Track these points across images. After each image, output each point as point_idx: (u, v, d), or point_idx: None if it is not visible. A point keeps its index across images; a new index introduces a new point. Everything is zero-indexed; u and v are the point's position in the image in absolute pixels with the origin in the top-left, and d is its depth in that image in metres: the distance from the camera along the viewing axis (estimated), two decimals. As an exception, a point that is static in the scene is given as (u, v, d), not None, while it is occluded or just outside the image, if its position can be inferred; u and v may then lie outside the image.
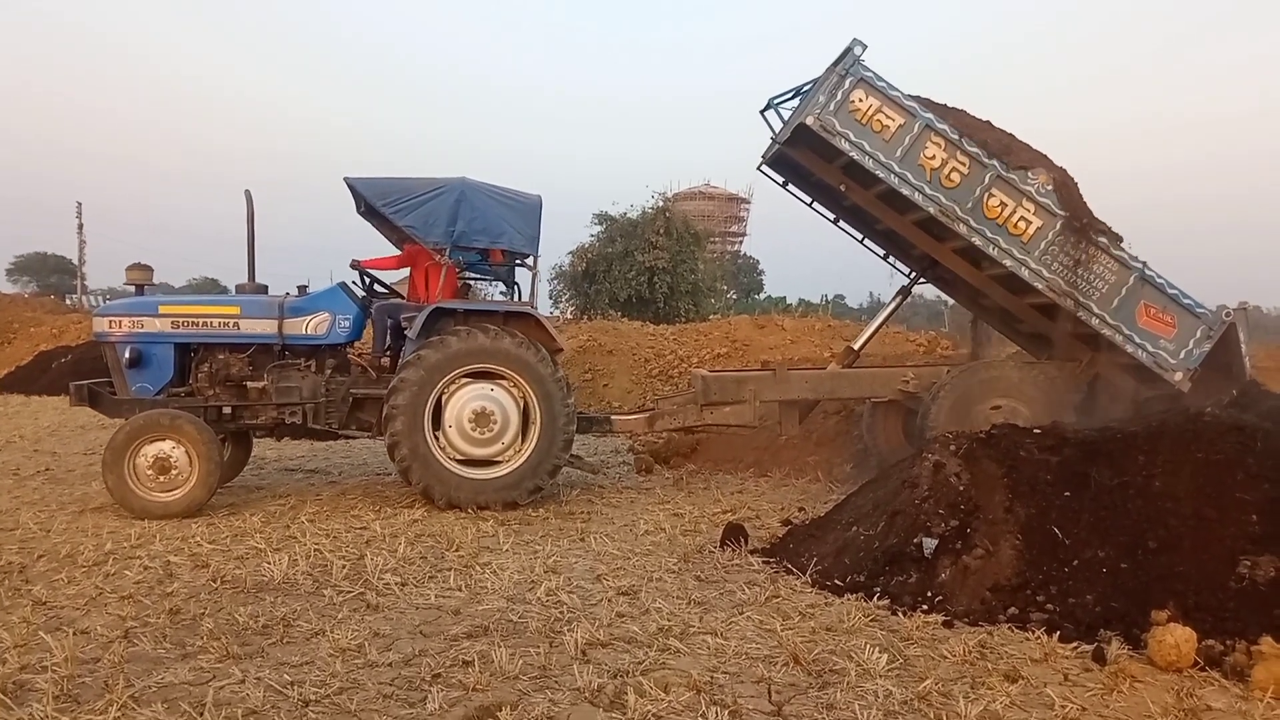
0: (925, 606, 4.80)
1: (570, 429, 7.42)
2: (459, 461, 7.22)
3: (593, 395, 14.16)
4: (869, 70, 7.22)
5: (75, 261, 42.23)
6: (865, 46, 7.21)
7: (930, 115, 7.26)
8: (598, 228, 30.01)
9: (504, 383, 7.30)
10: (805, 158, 8.18)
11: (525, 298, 8.20)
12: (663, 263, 27.74)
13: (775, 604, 4.94)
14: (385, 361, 7.90)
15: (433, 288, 7.53)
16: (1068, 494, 5.14)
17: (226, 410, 7.43)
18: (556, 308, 30.91)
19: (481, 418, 7.20)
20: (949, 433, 5.86)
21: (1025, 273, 7.29)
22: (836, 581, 5.20)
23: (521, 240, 7.57)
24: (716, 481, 8.80)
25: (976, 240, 7.29)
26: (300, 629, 4.44)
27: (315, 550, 5.84)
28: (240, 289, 7.90)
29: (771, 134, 8.23)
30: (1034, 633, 4.47)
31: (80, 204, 43.81)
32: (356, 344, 8.00)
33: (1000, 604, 4.75)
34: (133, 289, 7.72)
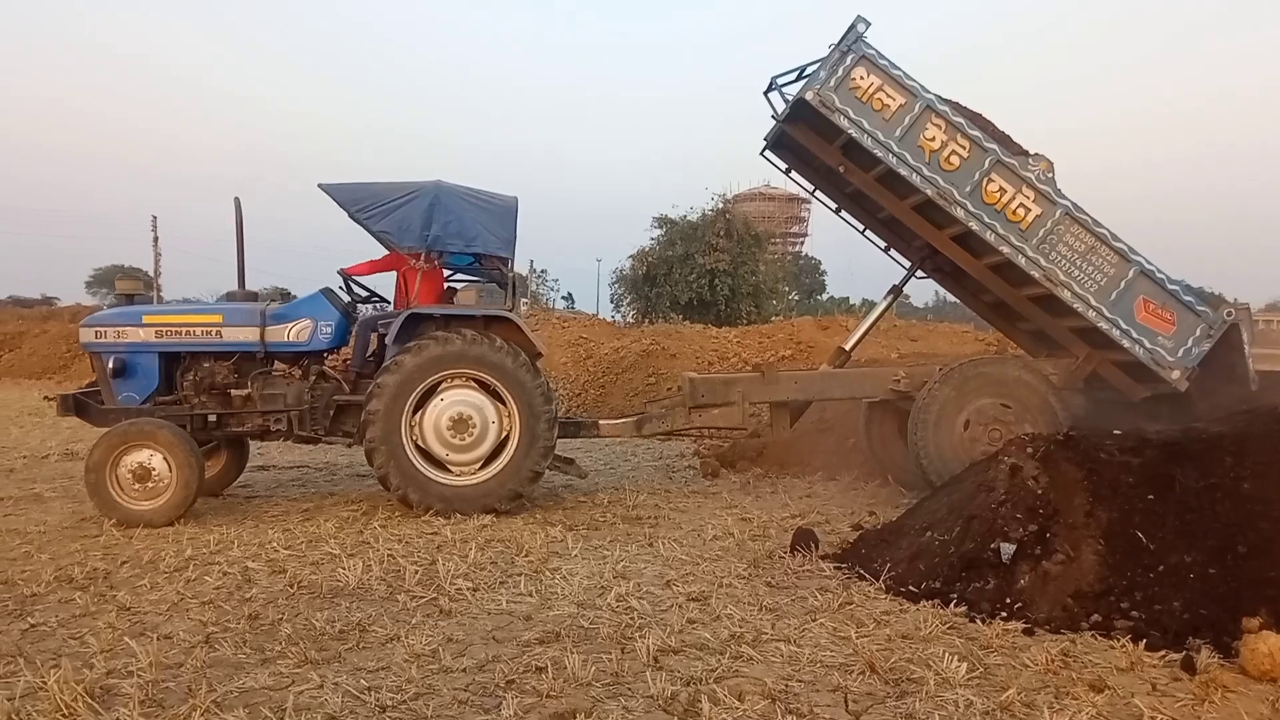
0: (1004, 614, 4.69)
1: (551, 434, 7.30)
2: (439, 467, 7.18)
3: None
4: (872, 48, 7.09)
5: (151, 273, 43.40)
6: (869, 24, 7.07)
7: (932, 96, 7.11)
8: (658, 231, 30.09)
9: (482, 388, 7.23)
10: (805, 137, 8.05)
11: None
12: (723, 265, 27.70)
13: (849, 611, 4.86)
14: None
15: (413, 292, 7.47)
16: (1151, 497, 4.98)
17: (212, 418, 7.45)
18: (618, 311, 31.06)
19: (460, 423, 7.13)
20: (1024, 435, 5.71)
21: (1022, 260, 7.11)
22: (911, 588, 5.11)
23: (497, 243, 7.46)
24: (784, 485, 8.72)
25: (974, 225, 7.12)
26: (375, 634, 4.48)
27: (388, 555, 5.91)
28: (231, 296, 7.95)
29: (773, 115, 8.12)
30: (1119, 641, 4.35)
31: (155, 217, 45.00)
32: (343, 350, 7.93)
33: (1083, 611, 4.62)
34: (124, 298, 7.84)
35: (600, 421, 8.52)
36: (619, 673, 3.98)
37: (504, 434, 7.24)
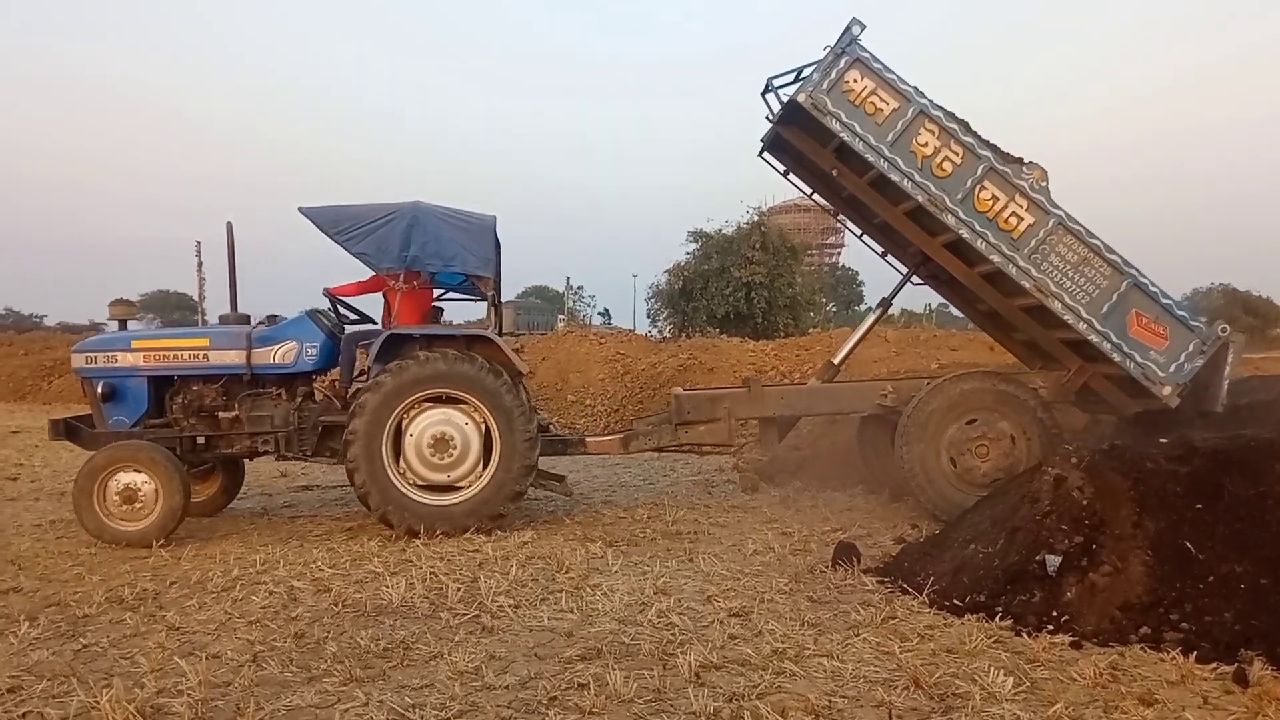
0: (1051, 626, 4.63)
1: (532, 454, 7.27)
2: (420, 487, 7.17)
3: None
4: (866, 51, 7.01)
5: (196, 298, 44.08)
6: (864, 26, 6.98)
7: (926, 101, 7.02)
8: (693, 245, 30.07)
9: (464, 407, 7.21)
10: (799, 140, 7.99)
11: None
12: (759, 277, 27.62)
13: (892, 625, 4.82)
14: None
15: (395, 313, 7.49)
16: (1199, 506, 4.89)
17: (201, 440, 7.52)
18: (655, 326, 31.06)
19: (441, 443, 7.12)
20: (1068, 445, 5.63)
21: (1013, 270, 6.99)
22: (955, 601, 5.05)
23: (475, 262, 7.41)
24: (825, 499, 8.66)
25: (964, 233, 7.02)
26: (419, 652, 4.52)
27: (431, 573, 5.95)
28: (224, 319, 8.03)
29: (767, 117, 8.05)
30: (1169, 653, 4.28)
31: (199, 243, 45.68)
32: (332, 371, 7.96)
33: (1131, 623, 4.55)
34: (115, 323, 7.95)
35: (587, 438, 8.45)
36: (661, 689, 3.98)
37: (485, 455, 7.22)
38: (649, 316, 32.76)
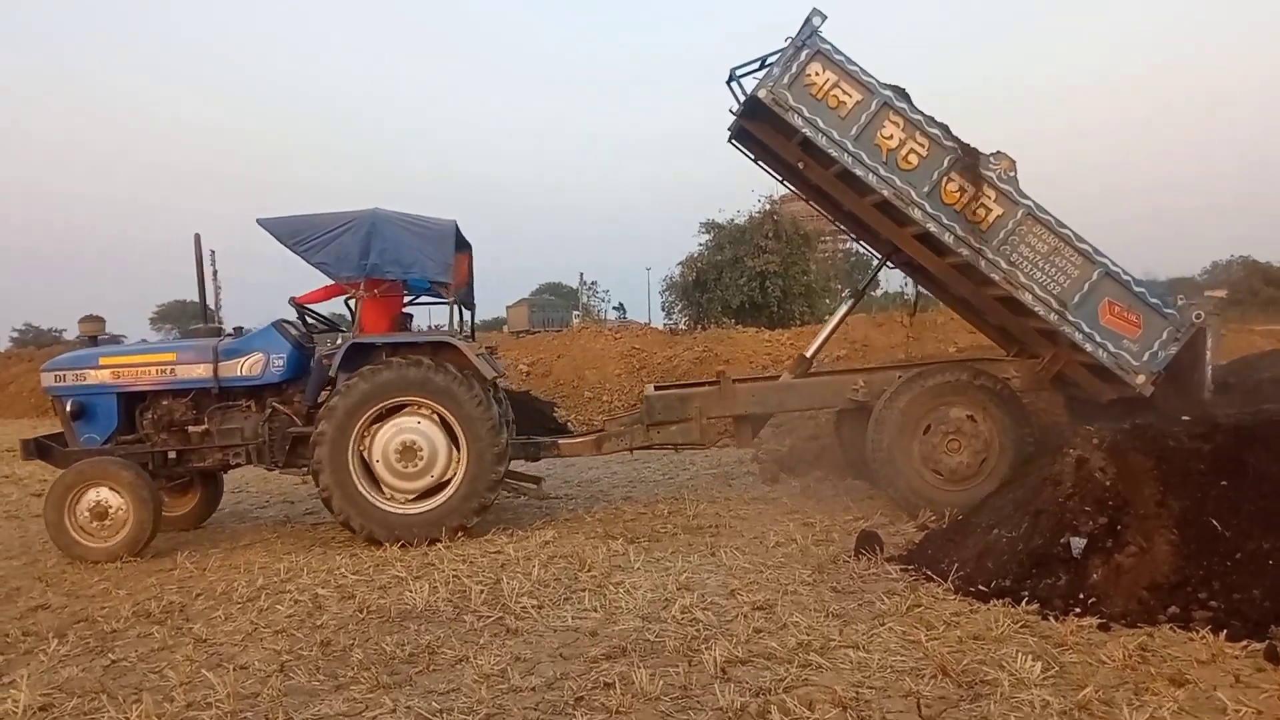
0: (1078, 609, 4.61)
1: (500, 468, 7.20)
2: (395, 496, 7.15)
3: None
4: (827, 43, 6.85)
5: (213, 306, 44.34)
6: (825, 17, 6.82)
7: (889, 93, 6.87)
8: (705, 236, 30.01)
9: (427, 414, 7.16)
10: (764, 133, 7.86)
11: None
12: (773, 266, 27.53)
13: (918, 613, 4.80)
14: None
15: (362, 321, 7.46)
16: (1224, 483, 4.86)
17: (172, 455, 7.53)
18: (670, 319, 31.04)
19: (408, 451, 7.09)
20: (1089, 426, 5.57)
21: (982, 263, 6.87)
22: (980, 587, 5.03)
23: (434, 268, 7.36)
24: (846, 488, 8.62)
25: (932, 227, 6.88)
26: (444, 656, 4.53)
27: (453, 576, 5.97)
28: (194, 332, 8.03)
29: (730, 110, 7.90)
30: (1198, 632, 4.25)
31: (214, 252, 45.83)
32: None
33: (1159, 603, 4.52)
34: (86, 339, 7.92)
35: (560, 441, 8.37)
36: (687, 686, 3.98)
37: (453, 464, 7.18)
38: (664, 309, 32.77)
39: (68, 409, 7.48)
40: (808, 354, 8.70)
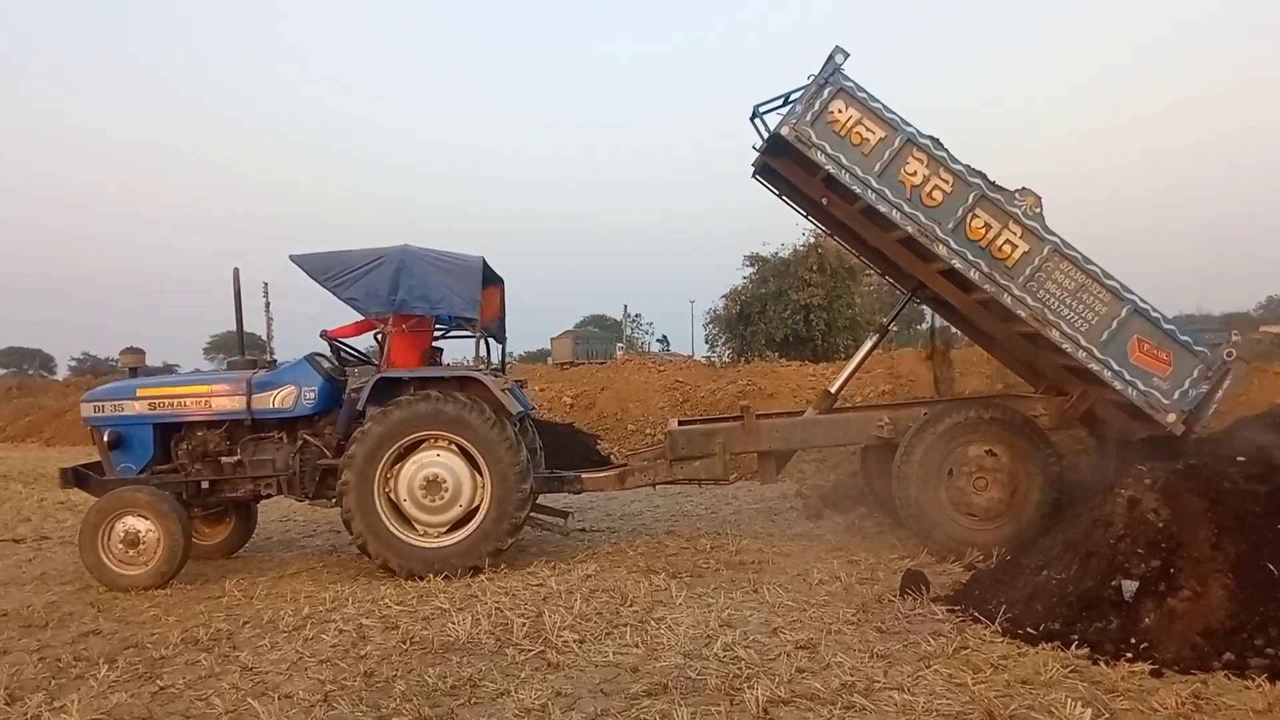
0: (1129, 654, 4.50)
1: (524, 485, 7.21)
2: (428, 531, 7.18)
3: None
4: (850, 80, 6.85)
5: (264, 338, 45.08)
6: (847, 55, 6.82)
7: (913, 129, 6.85)
8: (749, 269, 30.04)
9: (445, 445, 7.21)
10: (787, 169, 7.85)
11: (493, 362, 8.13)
12: (818, 299, 27.48)
13: (964, 656, 4.72)
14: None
15: (391, 355, 7.52)
16: (1281, 527, 4.73)
17: (205, 484, 7.63)
18: (713, 352, 31.01)
19: (433, 485, 7.13)
20: (1142, 467, 5.46)
21: (1008, 299, 6.78)
22: (1029, 630, 4.93)
23: (461, 304, 7.45)
24: (891, 525, 8.51)
25: (957, 263, 6.81)
26: (486, 689, 4.54)
27: (496, 609, 5.98)
28: (232, 364, 8.15)
29: (754, 146, 7.90)
30: (1254, 680, 4.14)
31: (266, 284, 46.71)
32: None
33: (1214, 649, 4.40)
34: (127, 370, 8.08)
35: (583, 475, 8.33)
36: (729, 725, 3.94)
37: (478, 491, 7.21)
38: (707, 342, 32.79)
39: (105, 439, 7.64)
40: (832, 389, 8.65)
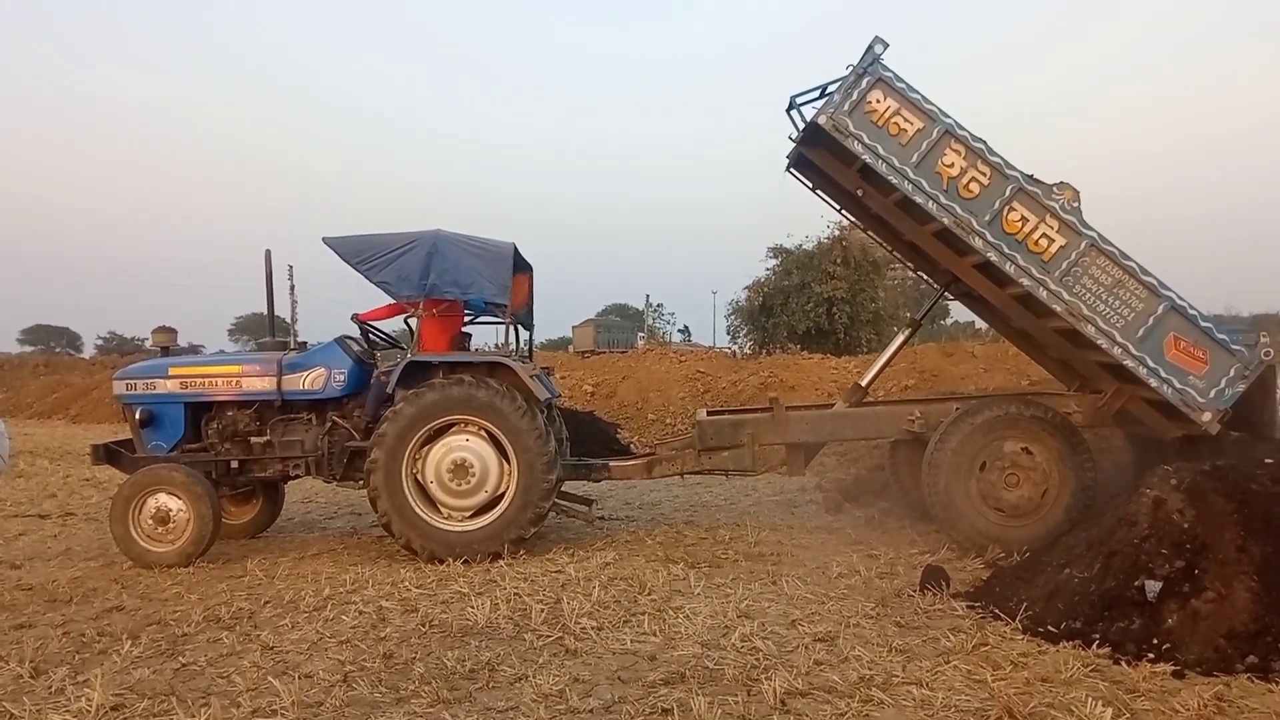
0: (1151, 655, 4.46)
1: (550, 476, 7.23)
2: (452, 515, 7.21)
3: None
4: (889, 70, 6.80)
5: (289, 320, 45.39)
6: (886, 45, 6.78)
7: (951, 120, 6.78)
8: (773, 261, 29.94)
9: (474, 430, 7.23)
10: (823, 160, 7.80)
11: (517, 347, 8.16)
12: (841, 293, 27.36)
13: (984, 652, 4.69)
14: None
15: (421, 339, 7.55)
16: (1310, 530, 4.67)
17: (235, 464, 7.70)
18: (735, 343, 30.96)
19: (460, 469, 7.15)
20: (1168, 467, 5.41)
21: (1043, 294, 6.70)
22: (1050, 628, 4.90)
23: (492, 290, 7.46)
24: (912, 520, 8.47)
25: (993, 256, 6.75)
26: (504, 673, 4.55)
27: (515, 594, 6.00)
28: (262, 345, 8.20)
29: (790, 136, 7.83)
30: (1278, 684, 4.09)
31: (291, 267, 47.00)
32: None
33: (1237, 652, 4.36)
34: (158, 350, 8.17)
35: (611, 463, 8.34)
36: (745, 716, 3.94)
37: (505, 478, 7.24)
38: (729, 333, 32.73)
39: (137, 417, 7.73)
40: (863, 383, 8.61)
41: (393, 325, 8.45)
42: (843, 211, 8.87)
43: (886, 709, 4.00)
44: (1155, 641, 4.53)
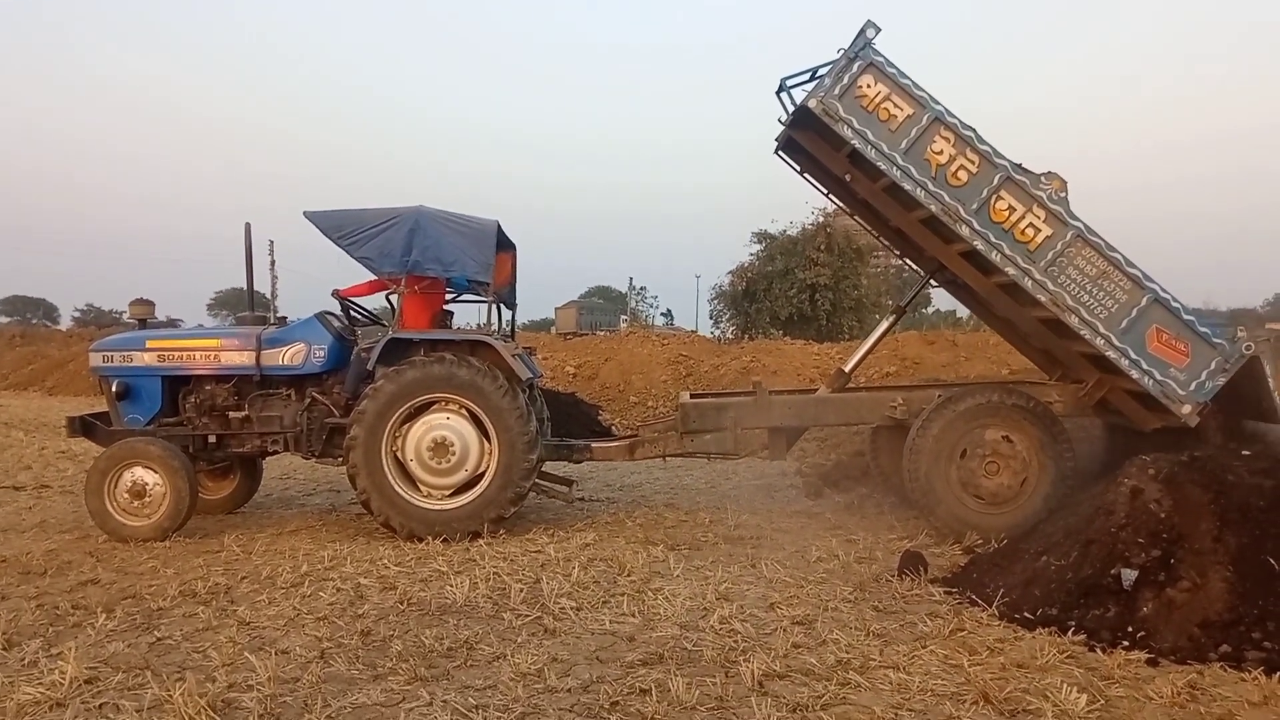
0: (1126, 643, 4.50)
1: (531, 456, 7.24)
2: (431, 493, 7.21)
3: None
4: (880, 55, 6.78)
5: (269, 295, 45.17)
6: (879, 29, 6.76)
7: (941, 107, 6.78)
8: (757, 246, 29.98)
9: (455, 409, 7.22)
10: (812, 143, 7.80)
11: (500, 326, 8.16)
12: (824, 279, 27.45)
13: (960, 637, 4.72)
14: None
15: (403, 316, 7.51)
16: (1284, 521, 4.72)
17: (212, 439, 7.66)
18: (717, 328, 31.00)
19: (440, 448, 7.13)
20: (1146, 456, 5.44)
21: (1028, 283, 6.73)
22: (1026, 614, 4.93)
23: (475, 267, 7.42)
24: (890, 506, 8.50)
25: (979, 244, 6.77)
26: (482, 652, 4.55)
27: (494, 573, 5.99)
28: (241, 320, 8.13)
29: (779, 119, 7.79)
30: (1250, 673, 4.13)
31: (272, 242, 46.82)
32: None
33: (1211, 641, 4.40)
34: (135, 322, 8.12)
35: (593, 444, 8.30)
36: (723, 697, 3.95)
37: (485, 457, 7.22)
38: (711, 318, 32.78)
39: (113, 389, 7.66)
40: (846, 368, 8.62)
41: (374, 302, 8.39)
42: (830, 196, 8.85)
43: (863, 692, 4.02)
44: (1130, 629, 4.57)
